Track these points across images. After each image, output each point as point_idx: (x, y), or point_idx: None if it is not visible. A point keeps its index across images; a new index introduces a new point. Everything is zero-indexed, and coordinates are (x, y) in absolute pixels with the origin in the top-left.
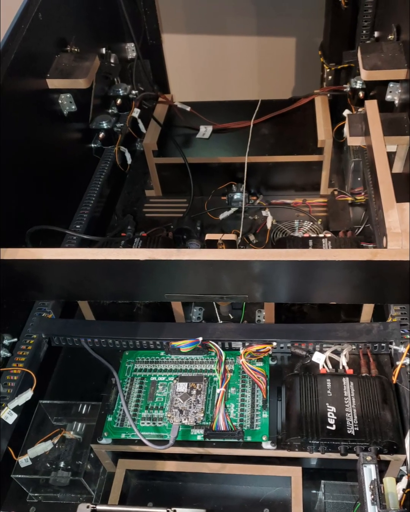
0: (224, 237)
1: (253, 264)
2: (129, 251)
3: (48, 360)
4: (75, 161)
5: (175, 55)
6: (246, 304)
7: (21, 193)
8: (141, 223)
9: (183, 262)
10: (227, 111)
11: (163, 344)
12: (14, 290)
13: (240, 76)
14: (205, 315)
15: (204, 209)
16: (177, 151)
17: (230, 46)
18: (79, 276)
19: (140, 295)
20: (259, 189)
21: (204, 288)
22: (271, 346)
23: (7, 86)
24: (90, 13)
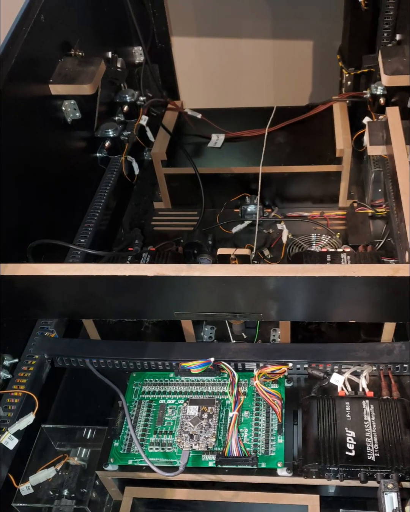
0: (237, 252)
1: (267, 280)
2: (136, 266)
3: (51, 382)
4: (80, 171)
5: (186, 59)
6: (260, 323)
7: (22, 205)
8: (149, 237)
9: (194, 278)
10: (240, 118)
11: (172, 365)
12: (14, 308)
13: (254, 81)
14: (216, 334)
15: (216, 222)
16: (187, 160)
17: (244, 49)
18: (83, 293)
19: (148, 313)
20: (274, 201)
21: (216, 305)
22: (286, 367)
23: (7, 92)
24: (96, 15)
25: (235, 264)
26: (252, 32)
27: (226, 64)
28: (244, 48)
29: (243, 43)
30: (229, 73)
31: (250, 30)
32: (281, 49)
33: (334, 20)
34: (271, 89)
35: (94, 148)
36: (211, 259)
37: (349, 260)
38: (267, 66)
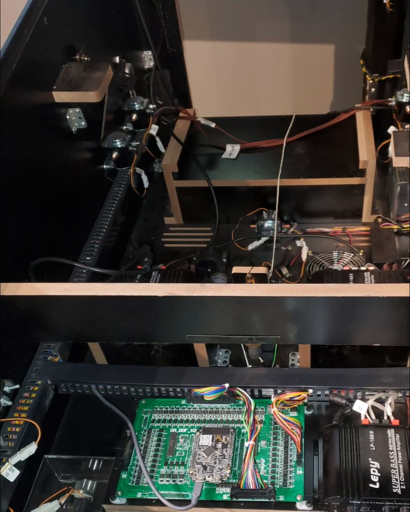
0: (253, 271)
1: (286, 301)
2: (146, 286)
3: (55, 409)
4: (85, 184)
5: (199, 64)
6: (278, 346)
7: (24, 220)
8: (159, 254)
9: (207, 298)
10: (257, 128)
11: (184, 391)
12: (15, 331)
13: (272, 88)
14: (231, 358)
15: (231, 239)
16: (200, 173)
17: (260, 54)
18: (89, 314)
19: (158, 336)
20: (292, 216)
21: (231, 328)
22: (306, 393)
23: (8, 100)
24: (102, 17)
25: (251, 283)
26: (269, 35)
27: (242, 70)
28: (260, 52)
29: (260, 47)
30: (245, 79)
31: (267, 33)
32: (300, 53)
33: (357, 22)
34: (289, 96)
35: (100, 160)
36: (226, 278)
37: (373, 279)
38: (285, 71)
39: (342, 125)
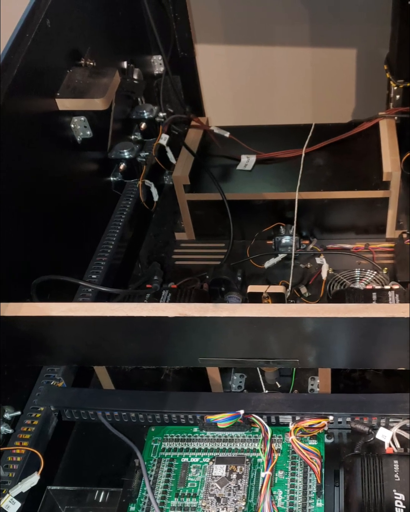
0: (270, 290)
1: (305, 322)
2: (155, 306)
3: (58, 437)
4: (91, 198)
5: (212, 69)
6: (296, 370)
7: (25, 236)
8: (170, 272)
9: (221, 319)
10: (274, 137)
11: (196, 418)
12: (17, 354)
13: (289, 95)
14: (247, 383)
15: (246, 256)
16: (213, 185)
17: (278, 59)
18: (95, 336)
19: (169, 359)
20: (312, 231)
21: (246, 350)
22: (326, 420)
23: (8, 108)
24: (109, 20)
25: (267, 303)
26: (286, 38)
27: (258, 75)
28: (278, 57)
29: (277, 51)
30: (261, 85)
31: (285, 36)
32: (320, 58)
33: (380, 25)
34: (308, 104)
35: (107, 171)
36: (240, 298)
37: (397, 298)
38: (304, 77)
39: (364, 134)
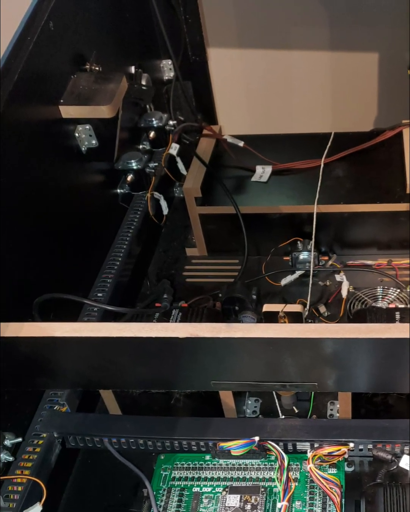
0: (287, 309)
1: (324, 343)
2: (165, 326)
3: (62, 465)
4: (96, 211)
5: (225, 75)
6: (315, 394)
7: (27, 252)
8: (180, 290)
9: (234, 340)
10: (291, 147)
11: (209, 445)
12: (18, 377)
13: (307, 102)
14: (262, 408)
15: (261, 273)
16: (227, 198)
17: (295, 63)
18: (101, 358)
19: (179, 383)
20: (331, 247)
21: (261, 373)
22: (347, 448)
23: (8, 115)
24: (116, 22)
25: (284, 323)
26: (304, 42)
27: (274, 81)
28: (295, 61)
29: (294, 55)
30: (277, 91)
31: (302, 39)
32: (339, 63)
33: (404, 27)
34: (327, 111)
35: (114, 183)
36: (255, 317)
37: None
38: (323, 83)
39: (387, 144)
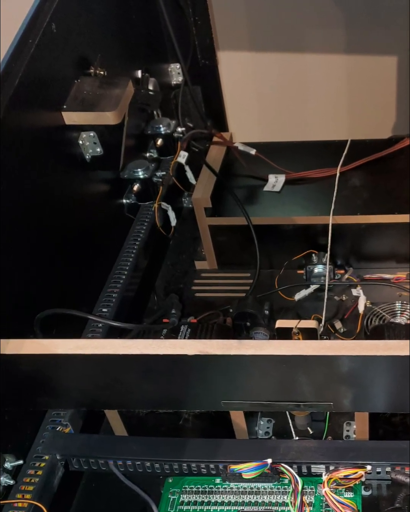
0: (301, 325)
1: (340, 360)
2: (173, 343)
3: (65, 489)
4: (101, 222)
5: (236, 79)
6: (330, 415)
7: (28, 265)
8: (189, 305)
9: (246, 358)
10: (305, 155)
11: (219, 468)
12: (18, 396)
13: (323, 108)
14: (275, 429)
15: (274, 287)
16: (238, 208)
17: (309, 67)
18: (106, 376)
19: (188, 402)
20: (348, 260)
21: (274, 393)
22: (364, 470)
23: (9, 122)
24: (122, 24)
25: (298, 340)
26: (320, 44)
27: (287, 86)
28: (309, 65)
29: (308, 58)
30: (291, 97)
31: (318, 42)
32: (356, 66)
33: None
34: (344, 117)
35: (119, 193)
36: (268, 334)
37: None
38: (339, 87)
39: (406, 151)
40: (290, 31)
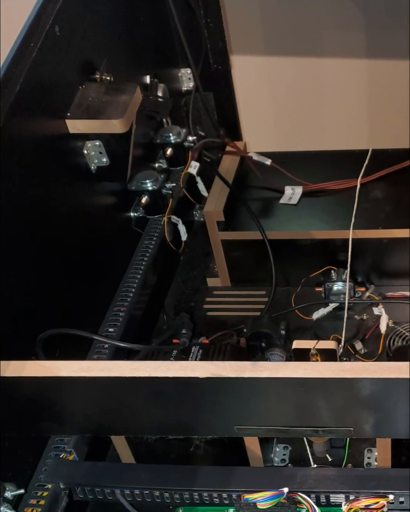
0: (319, 345)
1: (360, 383)
2: (184, 365)
3: None
4: (107, 237)
5: (250, 85)
6: (350, 441)
7: (30, 282)
8: (201, 325)
9: (261, 380)
10: (323, 165)
11: (232, 497)
12: (19, 421)
13: (342, 115)
14: (291, 456)
15: (291, 305)
16: (252, 222)
17: (327, 72)
18: (113, 400)
19: (200, 428)
20: (369, 276)
21: (291, 417)
22: (386, 500)
23: (9, 130)
24: (129, 26)
25: (316, 361)
26: (338, 48)
27: (304, 92)
28: (327, 70)
29: (327, 63)
30: (308, 103)
31: (336, 46)
32: (377, 72)
33: None
34: (364, 125)
35: (127, 206)
36: (284, 355)
37: None
38: (359, 94)
39: None
40: (307, 34)
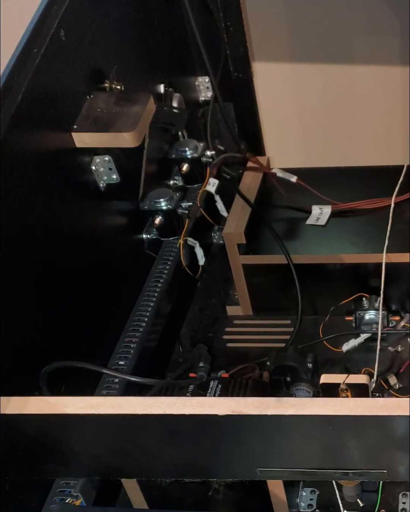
0: (350, 380)
1: (394, 421)
2: (201, 401)
3: None
4: (118, 261)
5: (274, 95)
6: (383, 484)
7: (33, 310)
8: (220, 357)
9: (286, 418)
10: (354, 183)
11: None
12: (21, 463)
13: (374, 128)
14: (319, 501)
15: (318, 336)
16: (276, 245)
17: (359, 81)
18: (123, 440)
19: (219, 470)
20: (403, 304)
21: (318, 459)
22: None
23: (11, 144)
24: (142, 31)
25: (346, 397)
26: (370, 54)
27: (333, 103)
28: (359, 78)
29: (358, 71)
30: (338, 115)
31: (368, 52)
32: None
33: None
34: (399, 139)
35: (139, 227)
36: (311, 390)
37: None
38: (394, 104)
39: None
40: (337, 39)
